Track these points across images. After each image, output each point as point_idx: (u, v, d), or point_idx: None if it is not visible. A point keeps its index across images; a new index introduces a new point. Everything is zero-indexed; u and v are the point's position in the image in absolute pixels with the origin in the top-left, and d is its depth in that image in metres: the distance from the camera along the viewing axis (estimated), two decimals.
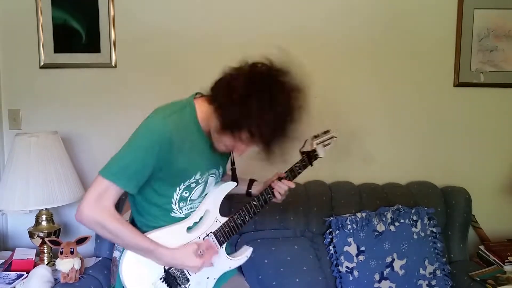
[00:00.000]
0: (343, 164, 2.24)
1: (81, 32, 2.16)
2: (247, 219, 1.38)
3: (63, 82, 2.19)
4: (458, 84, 2.22)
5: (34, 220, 1.99)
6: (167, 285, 1.27)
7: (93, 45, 2.16)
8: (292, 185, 1.43)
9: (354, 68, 2.22)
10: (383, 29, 2.19)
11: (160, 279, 1.26)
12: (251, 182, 1.52)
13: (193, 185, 1.27)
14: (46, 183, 1.87)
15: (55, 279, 1.75)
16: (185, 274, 1.30)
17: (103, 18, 2.14)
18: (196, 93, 1.29)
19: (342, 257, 1.93)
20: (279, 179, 1.42)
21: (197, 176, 1.27)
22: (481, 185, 2.24)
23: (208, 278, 1.35)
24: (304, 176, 2.16)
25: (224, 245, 1.38)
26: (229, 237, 1.36)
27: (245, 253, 1.44)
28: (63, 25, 2.16)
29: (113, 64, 2.18)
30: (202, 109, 1.24)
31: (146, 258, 1.23)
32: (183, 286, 1.29)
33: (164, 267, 1.27)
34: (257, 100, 1.10)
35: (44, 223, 1.98)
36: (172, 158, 1.18)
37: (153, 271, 1.25)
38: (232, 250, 1.56)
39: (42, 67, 2.18)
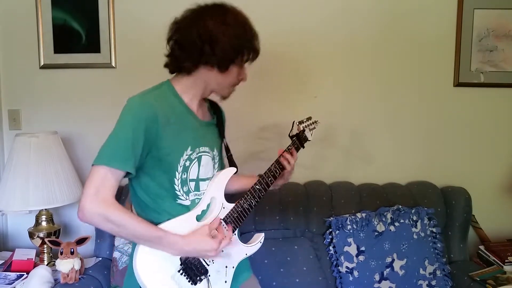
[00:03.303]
0: (343, 164, 2.24)
1: (81, 32, 2.16)
2: (253, 203, 1.36)
3: (63, 82, 2.19)
4: (458, 84, 2.22)
5: (34, 220, 1.99)
6: (187, 277, 1.22)
7: (93, 46, 2.16)
8: (295, 154, 1.45)
9: (354, 68, 2.21)
10: (383, 29, 2.19)
11: (179, 271, 1.21)
12: (259, 176, 1.50)
13: (187, 163, 1.24)
14: (46, 183, 1.87)
15: (55, 280, 1.75)
16: (203, 264, 1.26)
17: (103, 18, 2.14)
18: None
19: (342, 257, 1.93)
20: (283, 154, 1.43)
21: (188, 152, 1.24)
22: (481, 185, 2.24)
23: (226, 267, 1.32)
24: (304, 176, 2.18)
25: (236, 232, 1.36)
26: (239, 223, 1.34)
27: (258, 239, 1.43)
28: (63, 26, 2.16)
29: (113, 64, 2.18)
30: (181, 83, 1.27)
31: (160, 252, 1.18)
32: (202, 276, 1.25)
33: (181, 258, 1.22)
34: (220, 21, 1.19)
35: (44, 224, 1.98)
36: (160, 132, 1.17)
37: (170, 264, 1.20)
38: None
39: (42, 67, 2.18)
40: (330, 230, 1.99)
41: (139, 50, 2.17)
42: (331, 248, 1.97)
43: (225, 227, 1.30)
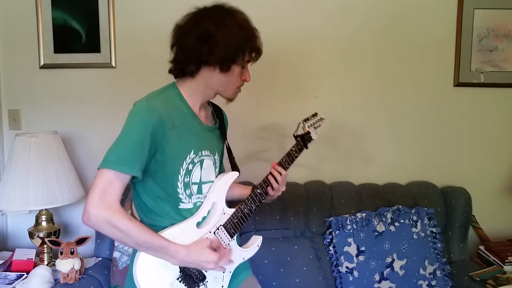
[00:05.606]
0: (343, 164, 2.24)
1: (81, 32, 2.16)
2: (253, 208, 1.37)
3: (63, 82, 2.19)
4: (458, 84, 2.22)
5: (34, 220, 1.99)
6: (185, 284, 1.23)
7: (93, 45, 2.16)
8: (283, 172, 1.41)
9: (354, 68, 2.21)
10: (383, 29, 2.19)
11: (177, 279, 1.22)
12: (254, 187, 1.50)
13: (190, 166, 1.25)
14: (46, 183, 1.87)
15: (55, 280, 1.75)
16: (201, 271, 1.26)
17: (103, 18, 2.14)
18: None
19: (342, 257, 1.93)
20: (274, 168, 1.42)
21: (192, 155, 1.25)
22: (481, 185, 2.24)
23: (223, 272, 1.33)
24: (304, 176, 2.18)
25: (235, 237, 1.36)
26: (238, 228, 1.34)
27: (256, 242, 1.43)
28: (63, 25, 2.15)
29: (113, 64, 2.17)
30: (185, 86, 1.28)
31: (160, 260, 1.19)
32: (200, 283, 1.26)
33: (180, 266, 1.22)
34: (220, 21, 1.20)
35: (44, 224, 1.98)
36: (166, 136, 1.18)
37: (169, 272, 1.21)
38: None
39: (42, 67, 2.18)
40: (330, 230, 1.99)
41: (139, 50, 2.17)
42: (331, 248, 1.97)
43: (227, 237, 1.31)
